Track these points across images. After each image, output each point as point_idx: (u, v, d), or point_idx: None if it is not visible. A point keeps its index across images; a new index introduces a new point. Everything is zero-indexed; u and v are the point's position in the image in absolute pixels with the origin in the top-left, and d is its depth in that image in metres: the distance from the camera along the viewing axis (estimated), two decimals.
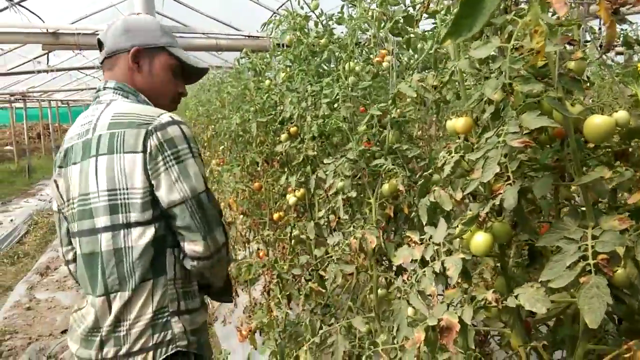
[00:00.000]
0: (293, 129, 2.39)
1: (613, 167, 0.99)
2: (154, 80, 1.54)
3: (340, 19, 2.20)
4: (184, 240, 1.38)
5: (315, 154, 2.26)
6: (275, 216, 2.90)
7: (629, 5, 0.92)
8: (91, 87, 13.03)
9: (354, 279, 1.85)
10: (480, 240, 1.06)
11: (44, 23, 4.84)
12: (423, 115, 2.19)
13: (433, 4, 1.41)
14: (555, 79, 0.97)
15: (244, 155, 3.44)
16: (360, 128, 1.85)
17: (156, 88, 1.55)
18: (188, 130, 1.41)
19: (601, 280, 0.88)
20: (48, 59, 6.84)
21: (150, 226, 1.36)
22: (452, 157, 1.13)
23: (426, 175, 1.36)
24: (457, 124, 1.18)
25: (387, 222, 1.86)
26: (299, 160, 2.36)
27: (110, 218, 1.37)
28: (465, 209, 1.21)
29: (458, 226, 1.11)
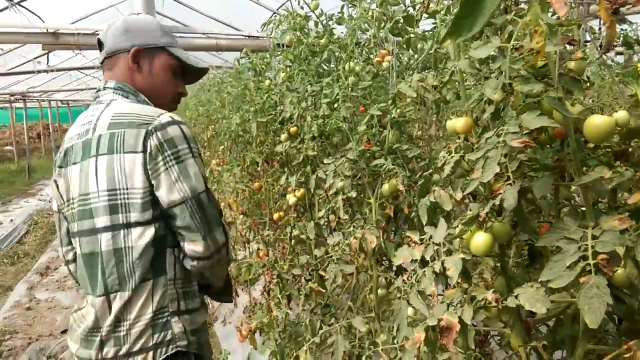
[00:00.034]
0: (293, 129, 2.39)
1: (613, 167, 0.99)
2: (154, 80, 1.54)
3: (340, 19, 2.20)
4: (184, 240, 1.38)
5: (315, 154, 2.25)
6: (275, 216, 2.90)
7: (628, 5, 0.92)
8: (91, 87, 13.03)
9: (354, 279, 1.85)
10: (480, 240, 1.06)
11: (44, 23, 4.84)
12: (423, 115, 2.19)
13: (433, 4, 1.41)
14: (555, 79, 0.97)
15: (244, 155, 3.44)
16: (360, 128, 1.85)
17: (156, 88, 1.55)
18: (188, 130, 1.41)
19: (601, 280, 0.88)
20: (48, 59, 6.84)
21: (150, 226, 1.36)
22: (452, 157, 1.13)
23: (426, 175, 1.36)
24: (457, 124, 1.18)
25: (387, 222, 1.86)
26: (299, 160, 2.36)
27: (110, 218, 1.36)
28: (465, 209, 1.21)
29: (458, 226, 1.11)
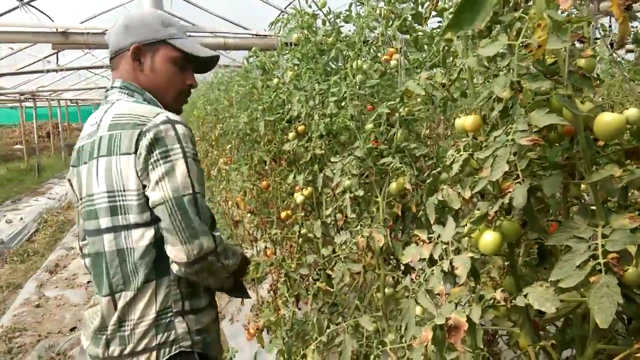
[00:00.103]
0: (301, 128, 2.38)
1: (623, 165, 0.98)
2: (157, 76, 1.51)
3: (348, 17, 2.20)
4: (167, 243, 1.33)
5: (323, 152, 2.25)
6: (282, 215, 2.90)
7: None
8: (100, 87, 13.14)
9: (361, 277, 1.85)
10: (489, 239, 1.05)
11: (53, 22, 4.87)
12: (431, 113, 2.18)
13: (441, 1, 1.40)
14: (565, 76, 0.96)
15: (251, 154, 3.44)
16: (368, 126, 1.85)
17: (160, 84, 1.51)
18: (184, 131, 1.37)
19: (611, 280, 0.87)
20: (57, 58, 6.90)
21: (150, 228, 1.35)
22: (461, 156, 1.13)
23: (434, 173, 1.36)
24: (466, 122, 1.17)
25: (395, 221, 1.86)
26: (306, 159, 2.36)
27: (112, 219, 1.37)
28: (473, 208, 1.21)
29: (467, 225, 1.10)
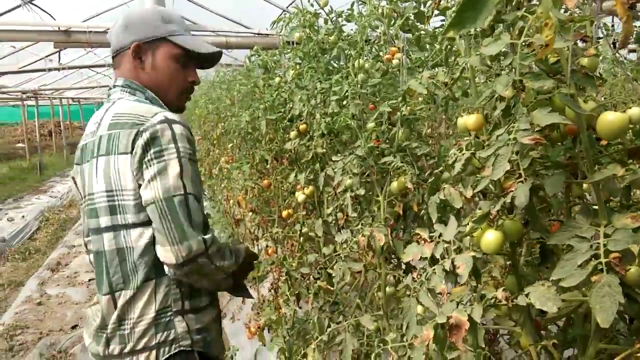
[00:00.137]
0: (302, 127, 2.38)
1: (626, 165, 0.98)
2: (158, 74, 1.50)
3: (350, 16, 2.20)
4: (157, 243, 1.32)
5: (325, 151, 2.25)
6: (284, 214, 2.90)
7: None
8: (102, 85, 13.15)
9: (362, 276, 1.85)
10: (491, 238, 1.05)
11: (55, 21, 4.88)
12: (433, 113, 2.18)
13: (444, 0, 1.40)
14: (567, 75, 0.96)
15: (253, 153, 3.44)
16: (369, 125, 1.84)
17: (161, 82, 1.51)
18: (181, 131, 1.35)
19: (613, 279, 0.87)
20: (59, 57, 6.90)
21: (148, 227, 1.35)
22: (463, 155, 1.13)
23: (437, 172, 1.35)
24: (469, 121, 1.17)
25: (397, 220, 1.85)
26: (308, 158, 2.36)
27: (111, 218, 1.37)
28: (475, 207, 1.20)
29: (468, 224, 1.10)
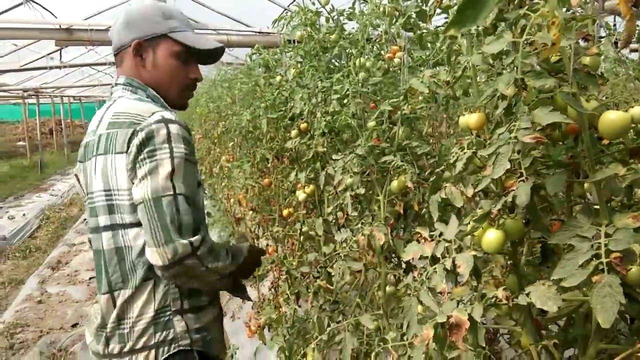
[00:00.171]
0: (303, 125, 2.38)
1: (627, 164, 0.97)
2: (159, 72, 1.49)
3: (352, 14, 2.20)
4: (146, 243, 1.31)
5: (325, 150, 2.25)
6: (284, 212, 2.90)
7: None
8: (103, 84, 13.16)
9: (362, 276, 1.84)
10: (492, 237, 1.04)
11: (57, 19, 4.88)
12: (434, 112, 2.17)
13: None
14: (570, 74, 0.96)
15: (254, 152, 3.44)
16: (370, 124, 1.84)
17: (162, 79, 1.49)
18: (177, 131, 1.33)
19: (614, 279, 0.87)
20: (61, 55, 6.90)
21: None
22: (465, 154, 1.12)
23: (438, 172, 1.35)
24: (471, 120, 1.16)
25: (397, 219, 1.85)
26: (308, 157, 2.36)
27: (110, 217, 1.37)
28: (475, 207, 1.20)
29: (469, 223, 1.09)
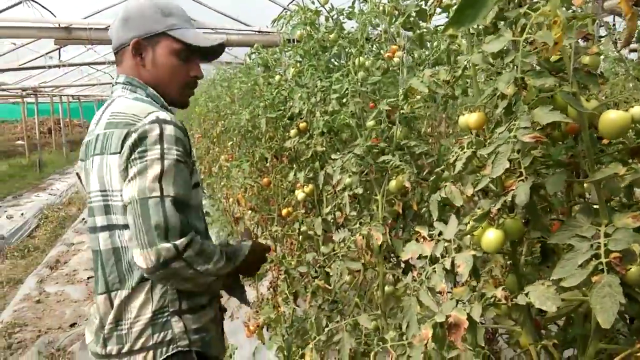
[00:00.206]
0: (302, 125, 2.38)
1: (627, 164, 0.97)
2: (159, 71, 1.47)
3: (351, 13, 2.19)
4: (132, 245, 1.29)
5: (324, 149, 2.24)
6: (283, 212, 2.89)
7: None
8: (102, 83, 13.14)
9: (361, 275, 1.84)
10: (491, 236, 1.04)
11: (56, 18, 4.87)
12: (433, 111, 2.17)
13: None
14: (570, 73, 0.96)
15: (253, 151, 3.44)
16: (369, 123, 1.84)
17: (162, 78, 1.48)
18: (171, 131, 1.30)
19: (614, 279, 0.87)
20: (60, 54, 6.89)
21: None
22: (464, 153, 1.12)
23: (438, 171, 1.35)
24: (470, 119, 1.16)
25: (396, 219, 1.85)
26: (307, 156, 2.35)
27: (106, 218, 1.36)
28: (475, 206, 1.20)
29: (469, 223, 1.09)
